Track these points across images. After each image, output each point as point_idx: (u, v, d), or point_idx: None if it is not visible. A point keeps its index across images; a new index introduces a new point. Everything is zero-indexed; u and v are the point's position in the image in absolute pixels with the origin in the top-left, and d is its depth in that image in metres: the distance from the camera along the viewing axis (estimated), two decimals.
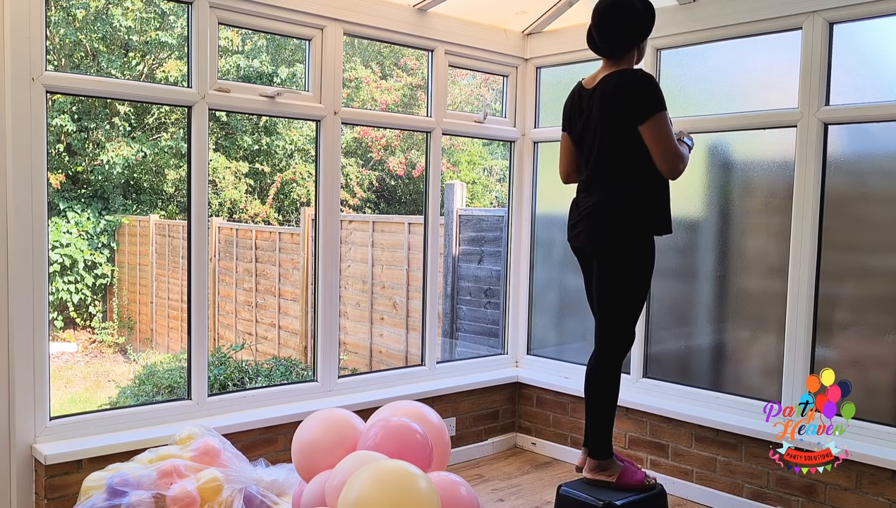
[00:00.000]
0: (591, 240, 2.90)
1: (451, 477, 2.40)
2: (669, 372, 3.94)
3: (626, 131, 2.75)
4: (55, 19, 8.82)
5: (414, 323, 6.65)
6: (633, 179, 2.82)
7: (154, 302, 9.39)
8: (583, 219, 2.92)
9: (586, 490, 3.07)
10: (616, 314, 2.96)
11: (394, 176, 10.99)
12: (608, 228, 2.86)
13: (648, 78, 2.76)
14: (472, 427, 4.25)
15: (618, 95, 2.75)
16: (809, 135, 3.34)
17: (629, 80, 2.74)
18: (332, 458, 2.48)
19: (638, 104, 2.71)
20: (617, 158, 2.81)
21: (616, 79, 2.78)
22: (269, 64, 9.94)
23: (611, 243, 2.87)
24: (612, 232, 2.85)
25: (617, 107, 2.75)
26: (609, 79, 2.81)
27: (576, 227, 2.99)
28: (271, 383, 5.67)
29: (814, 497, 3.27)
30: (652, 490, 3.04)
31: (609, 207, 2.84)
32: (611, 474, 3.02)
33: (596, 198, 2.87)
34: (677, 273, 3.94)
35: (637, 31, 2.83)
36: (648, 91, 2.72)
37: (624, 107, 2.73)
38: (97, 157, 9.44)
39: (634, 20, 2.82)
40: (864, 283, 3.30)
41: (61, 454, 2.88)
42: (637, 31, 2.83)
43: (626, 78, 2.76)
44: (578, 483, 3.12)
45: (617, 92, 2.75)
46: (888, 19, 3.18)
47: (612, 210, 2.83)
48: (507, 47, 4.36)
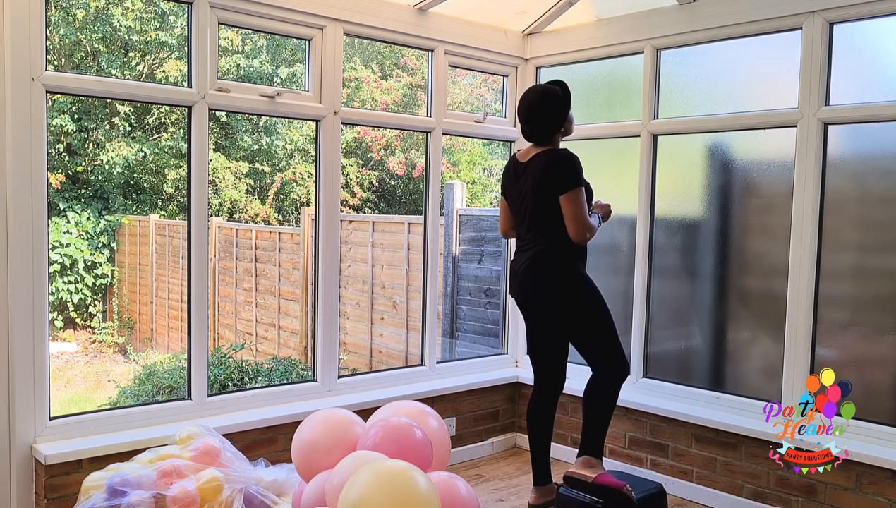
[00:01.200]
0: (537, 287, 3.27)
1: (451, 477, 2.40)
2: (669, 371, 3.94)
3: (551, 200, 3.21)
4: (55, 19, 8.82)
5: (414, 323, 6.65)
6: (557, 234, 3.24)
7: (154, 302, 9.39)
8: (522, 272, 3.31)
9: (585, 490, 3.07)
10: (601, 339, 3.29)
11: (394, 176, 10.99)
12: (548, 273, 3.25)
13: (572, 158, 3.23)
14: (472, 427, 4.25)
15: (547, 171, 3.22)
16: (809, 135, 3.34)
17: (556, 161, 3.23)
18: (332, 458, 2.48)
19: (561, 179, 3.19)
20: (545, 220, 3.25)
21: (545, 158, 3.26)
22: (269, 64, 9.94)
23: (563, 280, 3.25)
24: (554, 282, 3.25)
25: (545, 180, 3.22)
26: (540, 157, 3.28)
27: (519, 282, 3.33)
28: (271, 383, 5.67)
29: (814, 497, 3.27)
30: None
31: (542, 257, 3.25)
32: (594, 472, 3.14)
33: (530, 253, 3.29)
34: (677, 273, 3.94)
35: (559, 119, 3.29)
36: (571, 170, 3.19)
37: (551, 181, 3.21)
38: (97, 157, 9.45)
39: (556, 112, 3.27)
40: (864, 283, 3.30)
41: (61, 454, 2.88)
42: (559, 119, 3.29)
43: (553, 158, 3.24)
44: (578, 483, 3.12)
45: (546, 169, 3.23)
46: (888, 19, 3.18)
47: (546, 258, 3.25)
48: (507, 47, 4.36)
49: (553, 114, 3.27)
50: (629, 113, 4.04)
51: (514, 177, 3.39)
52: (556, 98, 3.27)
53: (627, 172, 4.04)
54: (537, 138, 3.31)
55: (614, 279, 4.19)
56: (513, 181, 3.39)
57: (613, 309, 4.17)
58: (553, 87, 3.31)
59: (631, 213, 4.04)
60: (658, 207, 3.96)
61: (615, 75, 4.17)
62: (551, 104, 3.27)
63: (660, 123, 3.91)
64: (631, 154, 4.01)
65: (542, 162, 3.25)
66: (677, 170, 3.93)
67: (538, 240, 3.27)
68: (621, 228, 4.14)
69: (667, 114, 3.90)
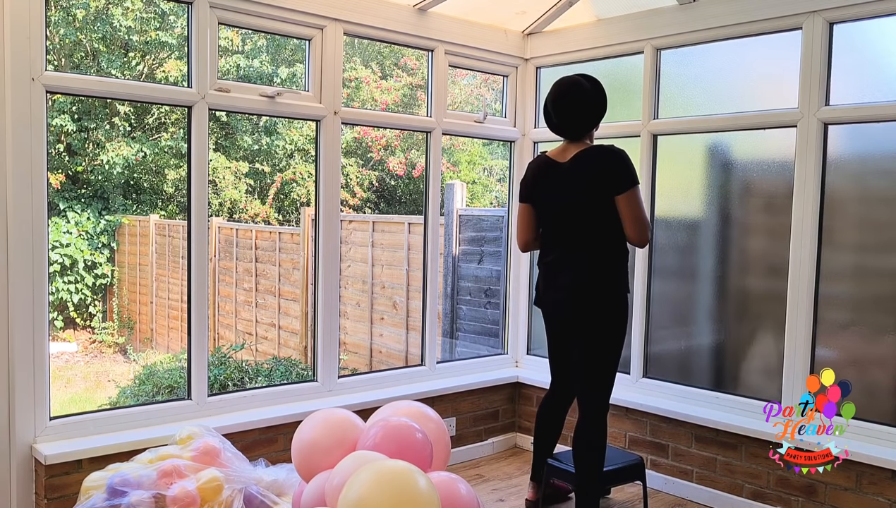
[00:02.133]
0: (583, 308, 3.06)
1: (451, 477, 2.40)
2: (669, 371, 3.94)
3: (605, 203, 3.00)
4: (55, 19, 8.82)
5: (414, 323, 6.65)
6: (611, 248, 3.05)
7: (154, 302, 9.39)
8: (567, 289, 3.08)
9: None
10: (605, 377, 3.13)
11: (394, 176, 10.99)
12: (598, 299, 3.05)
13: (626, 155, 3.03)
14: (472, 427, 4.25)
15: (601, 170, 3.00)
16: (809, 135, 3.34)
17: (610, 156, 3.01)
18: (332, 458, 2.48)
19: (619, 177, 2.98)
20: (601, 229, 3.03)
21: (595, 155, 3.04)
22: (269, 64, 9.94)
23: (608, 316, 3.07)
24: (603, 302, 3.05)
25: (600, 179, 2.99)
26: (587, 155, 3.05)
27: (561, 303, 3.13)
28: (271, 383, 5.67)
29: (814, 497, 3.27)
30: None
31: (594, 275, 3.04)
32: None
33: (578, 267, 3.05)
34: (677, 273, 3.94)
35: (598, 113, 3.12)
36: (628, 166, 3.01)
37: (607, 180, 2.99)
38: (97, 157, 9.44)
39: (597, 106, 3.10)
40: (864, 283, 3.30)
41: (61, 454, 2.88)
42: (598, 113, 3.12)
43: (606, 154, 3.02)
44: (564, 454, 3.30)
45: (600, 166, 3.00)
46: (888, 19, 3.18)
47: (597, 278, 3.04)
48: (507, 47, 4.36)
49: (593, 108, 3.08)
50: (629, 113, 4.04)
51: (549, 178, 3.11)
52: (597, 91, 3.10)
53: None
54: (574, 134, 3.09)
55: None
56: (548, 183, 3.11)
57: None
58: (583, 80, 3.11)
59: None
60: (658, 207, 3.96)
61: (615, 75, 4.17)
62: (589, 97, 3.07)
63: (660, 123, 3.91)
64: (631, 154, 3.99)
65: (591, 159, 3.02)
66: (677, 170, 3.93)
67: (587, 252, 3.03)
68: None
69: (667, 114, 3.90)
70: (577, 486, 3.15)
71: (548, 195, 3.14)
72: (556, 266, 3.13)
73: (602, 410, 3.14)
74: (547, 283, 3.19)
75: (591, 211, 3.02)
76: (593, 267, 3.03)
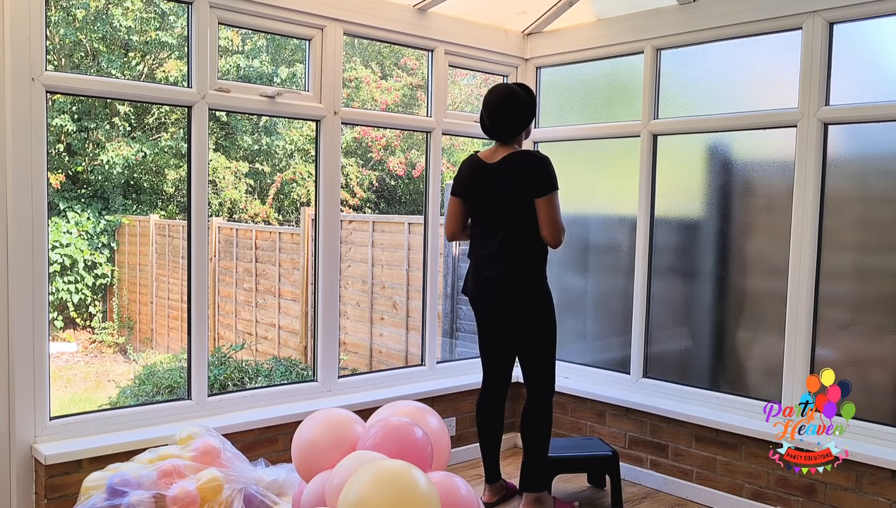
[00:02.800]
0: (509, 305, 3.26)
1: (451, 477, 2.40)
2: (669, 372, 3.94)
3: (526, 203, 3.20)
4: (55, 19, 8.82)
5: (414, 323, 6.65)
6: (533, 244, 3.25)
7: (154, 302, 9.39)
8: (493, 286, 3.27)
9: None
10: (549, 363, 3.35)
11: (394, 176, 10.99)
12: (522, 293, 3.25)
13: (548, 161, 3.25)
14: (472, 427, 4.25)
15: (523, 173, 3.20)
16: (809, 135, 3.34)
17: (533, 162, 3.23)
18: (332, 458, 2.48)
19: (539, 181, 3.19)
20: (523, 227, 3.23)
21: (519, 159, 3.25)
22: (269, 64, 9.94)
23: (534, 304, 3.27)
24: (532, 294, 3.26)
25: (521, 182, 3.20)
26: (513, 158, 3.25)
27: (489, 294, 3.31)
28: (271, 383, 5.67)
29: (814, 497, 3.27)
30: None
31: (517, 273, 3.24)
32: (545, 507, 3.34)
33: (502, 266, 3.25)
34: (677, 273, 3.94)
35: (527, 119, 3.31)
36: (549, 172, 3.21)
37: (528, 183, 3.19)
38: (97, 157, 9.44)
39: (526, 112, 3.29)
40: (864, 283, 3.30)
41: (61, 454, 2.88)
42: (527, 119, 3.31)
43: (530, 159, 3.24)
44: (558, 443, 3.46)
45: (522, 170, 3.21)
46: (888, 19, 3.18)
47: (520, 275, 3.24)
48: (507, 47, 4.36)
49: (523, 115, 3.28)
50: (629, 113, 4.04)
51: (478, 177, 3.32)
52: (525, 98, 3.29)
53: (627, 172, 4.04)
54: (504, 137, 3.30)
55: (614, 279, 4.19)
56: (476, 182, 3.32)
57: (614, 309, 4.19)
58: (518, 88, 3.32)
59: (631, 213, 4.04)
60: (658, 207, 3.96)
61: (615, 75, 4.17)
62: (521, 104, 3.27)
63: (660, 123, 3.91)
64: (631, 154, 4.01)
65: (515, 163, 3.23)
66: (677, 170, 3.93)
67: (509, 249, 3.23)
68: (621, 228, 4.14)
69: (667, 114, 3.90)
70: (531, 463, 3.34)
71: (478, 193, 3.33)
72: (484, 259, 3.32)
73: (551, 393, 3.37)
74: (476, 275, 3.37)
75: (516, 209, 3.22)
76: (517, 260, 3.23)
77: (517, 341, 3.36)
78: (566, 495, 3.71)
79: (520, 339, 3.35)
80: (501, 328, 3.37)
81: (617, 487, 3.52)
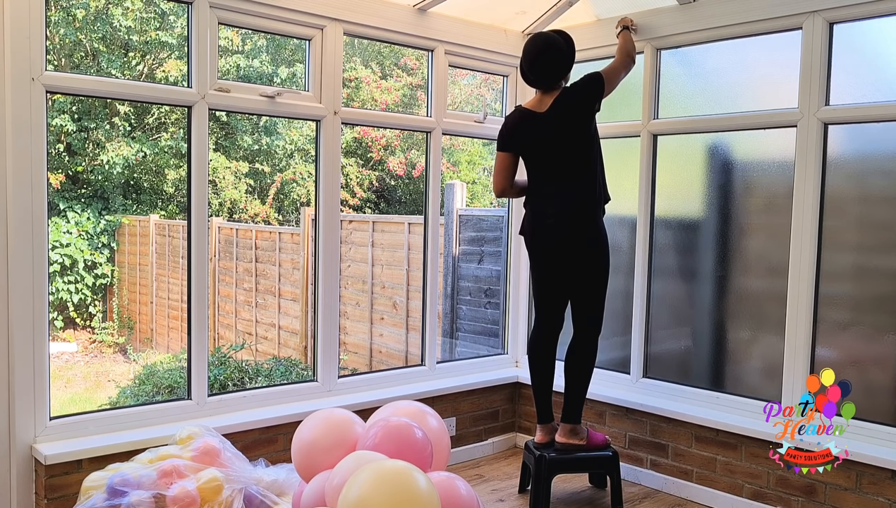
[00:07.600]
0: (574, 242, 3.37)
1: (451, 477, 2.40)
2: (669, 372, 3.94)
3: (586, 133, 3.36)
4: (55, 19, 8.82)
5: (414, 323, 6.65)
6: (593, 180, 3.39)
7: (154, 302, 9.39)
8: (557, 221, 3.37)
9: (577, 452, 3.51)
10: (601, 301, 3.50)
11: (394, 176, 10.99)
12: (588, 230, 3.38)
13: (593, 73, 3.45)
14: (472, 427, 4.25)
15: (578, 95, 3.37)
16: (809, 135, 3.34)
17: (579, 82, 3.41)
18: (332, 458, 2.48)
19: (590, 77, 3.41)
20: (584, 170, 3.37)
21: (570, 91, 3.41)
22: (269, 64, 9.94)
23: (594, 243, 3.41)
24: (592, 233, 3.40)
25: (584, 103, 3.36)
26: (562, 97, 3.38)
27: (551, 229, 3.39)
28: (271, 383, 5.67)
29: (814, 497, 3.27)
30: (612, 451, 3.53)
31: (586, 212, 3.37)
32: (581, 437, 3.51)
33: (569, 204, 3.36)
34: (677, 273, 3.94)
35: (566, 66, 3.44)
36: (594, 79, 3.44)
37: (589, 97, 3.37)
38: (97, 157, 9.44)
39: (562, 59, 3.41)
40: (864, 283, 3.31)
41: (61, 454, 2.88)
42: (566, 66, 3.45)
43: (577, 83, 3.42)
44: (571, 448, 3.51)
45: (576, 93, 3.38)
46: (888, 19, 3.18)
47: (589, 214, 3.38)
48: (506, 47, 4.36)
49: (562, 61, 3.39)
50: (629, 113, 4.04)
51: (531, 127, 3.41)
52: (564, 45, 3.41)
53: (627, 172, 4.04)
54: (546, 84, 3.40)
55: (614, 279, 4.19)
56: (530, 132, 3.41)
57: (614, 309, 4.19)
58: (556, 35, 3.44)
59: (631, 213, 4.04)
60: (658, 207, 3.96)
61: None
62: (558, 51, 3.39)
63: (660, 123, 3.91)
64: (631, 154, 4.01)
65: (567, 97, 3.36)
66: (677, 170, 3.93)
67: (572, 191, 3.34)
68: (621, 228, 4.14)
69: (667, 114, 3.90)
70: (573, 396, 3.50)
71: (534, 143, 3.42)
72: (546, 200, 3.41)
73: (599, 331, 3.51)
74: (536, 216, 3.46)
75: (577, 151, 3.35)
76: (580, 200, 3.36)
77: (573, 278, 3.44)
78: (566, 495, 3.71)
79: (576, 276, 3.43)
80: (559, 264, 3.43)
81: (617, 487, 3.52)
